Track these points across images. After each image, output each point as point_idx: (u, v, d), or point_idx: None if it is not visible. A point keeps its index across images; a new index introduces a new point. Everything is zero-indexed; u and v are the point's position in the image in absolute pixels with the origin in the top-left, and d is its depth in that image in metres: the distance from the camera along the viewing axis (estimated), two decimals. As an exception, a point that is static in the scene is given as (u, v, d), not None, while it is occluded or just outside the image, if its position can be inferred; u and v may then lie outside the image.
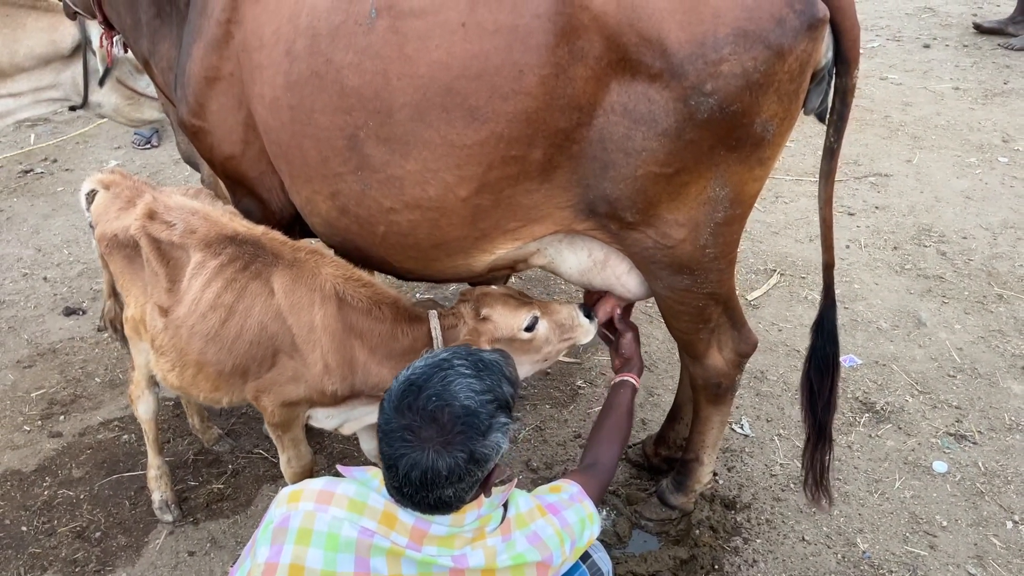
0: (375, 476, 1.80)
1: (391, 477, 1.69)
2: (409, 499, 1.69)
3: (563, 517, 1.92)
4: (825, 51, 2.12)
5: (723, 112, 2.05)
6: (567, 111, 2.13)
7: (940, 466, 3.32)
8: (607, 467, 2.27)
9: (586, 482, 2.12)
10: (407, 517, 1.72)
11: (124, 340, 3.09)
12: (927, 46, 7.90)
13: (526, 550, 1.77)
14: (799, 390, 2.69)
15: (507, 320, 2.45)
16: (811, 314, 4.24)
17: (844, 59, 2.16)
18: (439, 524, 1.72)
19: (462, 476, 1.65)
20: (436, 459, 1.62)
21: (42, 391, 3.80)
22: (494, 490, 1.84)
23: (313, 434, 3.34)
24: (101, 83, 3.92)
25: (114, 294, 3.02)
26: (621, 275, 2.52)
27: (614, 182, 2.21)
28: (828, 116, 2.31)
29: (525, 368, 2.55)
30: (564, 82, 2.10)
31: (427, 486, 1.64)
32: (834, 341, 2.59)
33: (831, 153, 2.35)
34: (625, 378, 2.54)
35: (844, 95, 2.24)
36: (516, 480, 1.98)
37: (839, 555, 2.96)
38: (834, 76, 2.22)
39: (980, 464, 3.34)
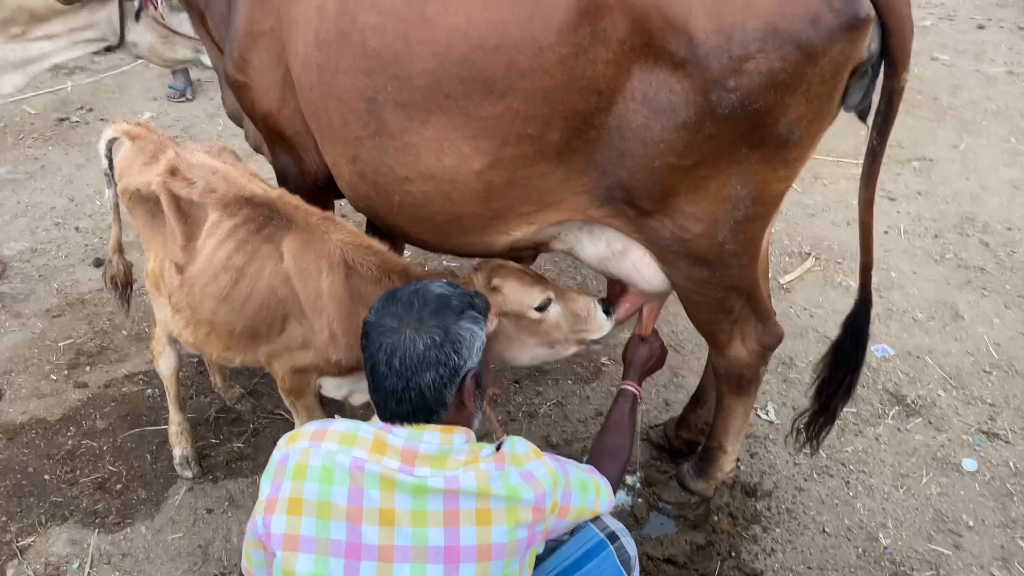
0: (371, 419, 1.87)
1: (375, 379, 1.80)
2: (393, 398, 1.77)
3: (563, 466, 1.90)
4: (868, 45, 1.98)
5: (745, 110, 1.96)
6: (586, 94, 2.05)
7: (970, 464, 3.25)
8: (611, 478, 2.19)
9: None
10: (397, 440, 1.75)
11: (123, 298, 3.09)
12: (981, 27, 7.65)
13: (519, 485, 1.76)
14: (814, 370, 2.62)
15: (518, 295, 2.38)
16: (845, 301, 4.14)
17: (892, 60, 2.01)
18: (428, 443, 1.76)
19: (439, 359, 1.75)
20: (414, 338, 1.76)
21: (70, 341, 3.83)
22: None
23: (329, 403, 3.33)
24: (137, 16, 3.89)
25: (119, 251, 3.01)
26: (641, 266, 2.43)
27: (631, 171, 2.13)
28: (873, 118, 2.18)
29: (529, 352, 2.48)
30: (584, 64, 2.02)
31: (407, 372, 1.75)
32: (861, 342, 2.50)
33: (873, 156, 2.22)
34: (625, 387, 2.48)
35: (890, 97, 2.10)
36: (506, 437, 1.94)
37: (860, 549, 2.91)
38: (880, 75, 2.09)
39: (1012, 464, 3.25)
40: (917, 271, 4.39)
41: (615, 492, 2.17)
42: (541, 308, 2.38)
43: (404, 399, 1.77)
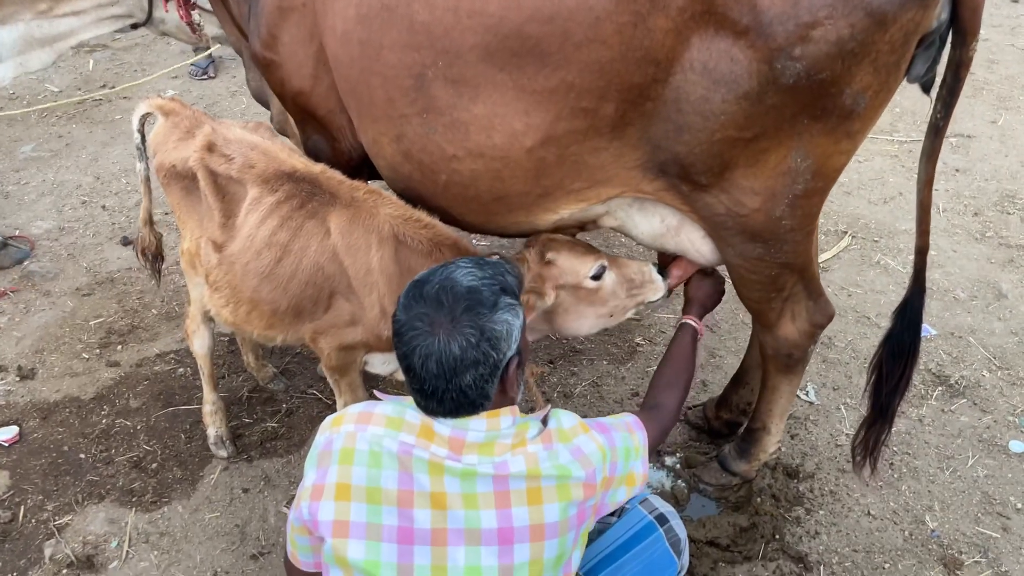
0: (411, 400, 1.79)
1: (412, 380, 1.70)
2: (434, 399, 1.69)
3: (610, 436, 1.85)
4: (938, 14, 1.90)
5: (810, 79, 1.88)
6: (643, 65, 1.98)
7: (1017, 446, 3.18)
8: (669, 410, 2.17)
9: (646, 419, 2.03)
10: (443, 428, 1.71)
11: (155, 270, 3.05)
12: (1016, 0, 7.46)
13: (569, 463, 1.72)
14: (869, 368, 2.55)
15: (573, 265, 2.35)
16: (883, 280, 4.07)
17: (962, 29, 1.94)
18: (475, 431, 1.70)
19: (477, 359, 1.65)
20: (448, 341, 1.64)
21: (100, 320, 3.81)
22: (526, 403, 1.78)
23: (369, 379, 3.30)
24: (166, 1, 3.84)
25: (150, 222, 2.97)
26: (696, 240, 2.37)
27: (688, 145, 2.06)
28: (938, 90, 2.10)
29: (589, 321, 2.46)
30: (642, 33, 1.94)
31: (445, 374, 1.65)
32: (915, 330, 2.43)
33: (936, 131, 2.15)
34: (686, 321, 2.43)
35: (958, 69, 2.02)
36: (550, 407, 1.89)
37: (906, 532, 2.85)
38: (948, 46, 2.00)
39: (1060, 446, 3.18)
40: (957, 249, 4.29)
41: (676, 419, 2.19)
42: (596, 277, 2.35)
43: (445, 399, 1.69)
